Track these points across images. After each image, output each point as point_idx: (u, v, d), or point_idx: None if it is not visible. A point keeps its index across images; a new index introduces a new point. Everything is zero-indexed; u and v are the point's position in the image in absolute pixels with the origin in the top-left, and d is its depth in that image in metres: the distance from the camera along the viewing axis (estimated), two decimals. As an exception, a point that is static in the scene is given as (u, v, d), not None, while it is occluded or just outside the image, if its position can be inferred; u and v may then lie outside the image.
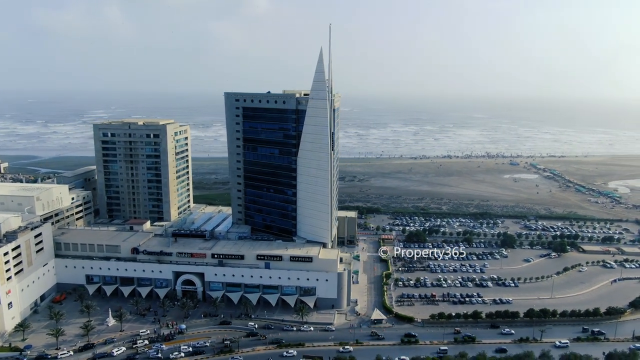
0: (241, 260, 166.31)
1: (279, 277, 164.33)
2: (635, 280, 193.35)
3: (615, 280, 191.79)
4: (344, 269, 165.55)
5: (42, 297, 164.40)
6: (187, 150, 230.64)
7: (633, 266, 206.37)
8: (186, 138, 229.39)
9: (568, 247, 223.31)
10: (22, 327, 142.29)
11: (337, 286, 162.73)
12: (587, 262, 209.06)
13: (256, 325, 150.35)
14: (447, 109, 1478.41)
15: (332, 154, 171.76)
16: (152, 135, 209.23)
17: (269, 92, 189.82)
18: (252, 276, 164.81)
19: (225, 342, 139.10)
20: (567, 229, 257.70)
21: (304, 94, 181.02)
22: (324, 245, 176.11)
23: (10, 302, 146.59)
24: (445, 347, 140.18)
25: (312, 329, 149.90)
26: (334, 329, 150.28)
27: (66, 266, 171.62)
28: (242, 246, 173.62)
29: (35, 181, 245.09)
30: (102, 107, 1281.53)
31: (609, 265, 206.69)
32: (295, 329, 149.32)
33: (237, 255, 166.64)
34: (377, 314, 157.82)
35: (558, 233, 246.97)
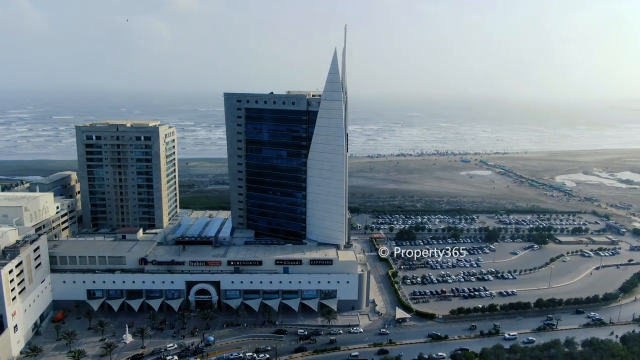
0: (259, 266, 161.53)
1: (299, 282, 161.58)
2: (613, 267, 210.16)
3: (597, 268, 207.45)
4: (362, 270, 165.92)
5: (42, 317, 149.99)
6: (174, 153, 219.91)
7: (607, 254, 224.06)
8: (174, 140, 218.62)
9: (547, 239, 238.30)
10: (34, 351, 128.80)
11: (357, 287, 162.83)
12: (567, 253, 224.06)
13: (306, 332, 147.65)
14: (384, 108, 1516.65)
15: (346, 155, 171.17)
16: (142, 138, 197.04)
17: (271, 92, 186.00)
18: (271, 282, 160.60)
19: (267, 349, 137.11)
20: (537, 221, 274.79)
21: (313, 95, 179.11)
22: (338, 247, 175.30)
23: (16, 325, 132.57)
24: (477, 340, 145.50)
25: (361, 330, 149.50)
26: (387, 331, 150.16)
27: (64, 281, 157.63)
28: (257, 251, 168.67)
29: (3, 189, 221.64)
30: (18, 106, 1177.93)
31: (587, 255, 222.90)
32: (342, 332, 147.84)
33: (255, 261, 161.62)
34: (400, 313, 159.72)
35: (533, 226, 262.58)
